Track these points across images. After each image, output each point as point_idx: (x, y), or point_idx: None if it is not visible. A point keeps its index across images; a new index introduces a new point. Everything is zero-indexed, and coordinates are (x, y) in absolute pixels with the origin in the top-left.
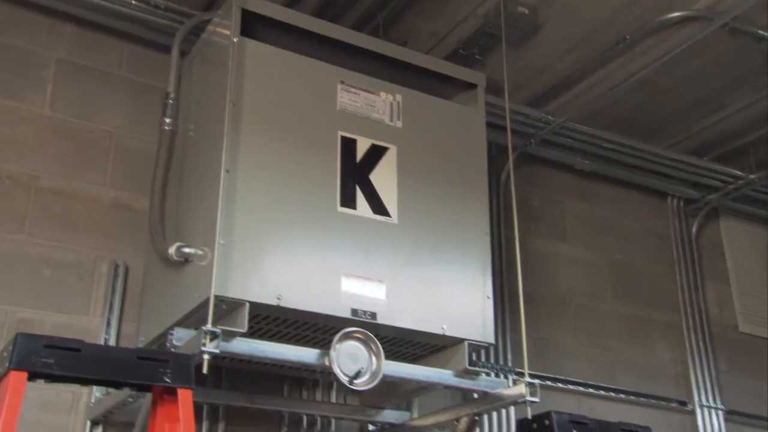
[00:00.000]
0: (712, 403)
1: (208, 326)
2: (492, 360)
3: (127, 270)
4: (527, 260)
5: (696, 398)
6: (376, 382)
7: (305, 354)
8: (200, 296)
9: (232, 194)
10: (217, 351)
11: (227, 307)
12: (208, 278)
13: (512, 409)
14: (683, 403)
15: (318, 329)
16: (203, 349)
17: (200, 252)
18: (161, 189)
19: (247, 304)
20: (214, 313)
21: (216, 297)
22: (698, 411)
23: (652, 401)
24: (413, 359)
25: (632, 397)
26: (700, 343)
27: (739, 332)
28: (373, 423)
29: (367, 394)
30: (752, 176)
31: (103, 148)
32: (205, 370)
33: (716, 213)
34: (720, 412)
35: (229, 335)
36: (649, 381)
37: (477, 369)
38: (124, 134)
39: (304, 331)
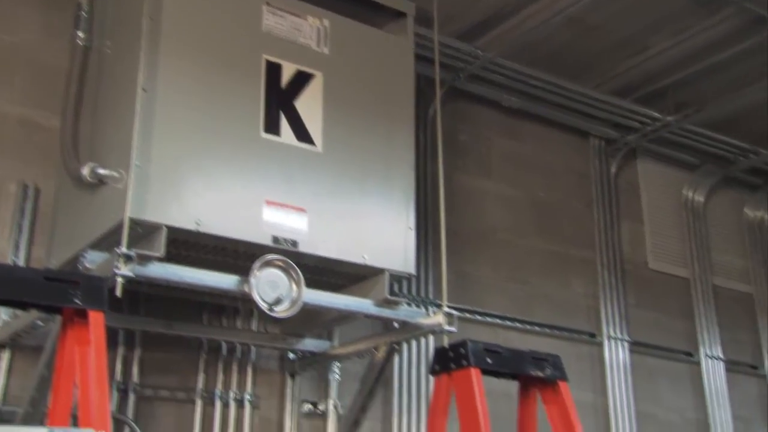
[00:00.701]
0: (618, 335)
1: (122, 249)
2: (414, 292)
3: (37, 191)
4: (452, 196)
5: (605, 330)
6: (295, 309)
7: (224, 280)
8: (114, 219)
9: (150, 115)
10: (131, 274)
11: (143, 231)
12: (123, 201)
13: (431, 339)
14: (592, 335)
15: (239, 257)
16: (116, 272)
17: (115, 174)
18: (74, 107)
19: (164, 228)
20: (130, 236)
21: (131, 220)
22: (606, 342)
23: (565, 333)
24: (335, 289)
25: (546, 329)
26: (612, 279)
27: (648, 269)
28: (293, 351)
29: (287, 322)
30: (669, 118)
31: (9, 61)
32: (118, 293)
33: (634, 154)
34: (625, 344)
35: (144, 259)
36: (563, 314)
37: (397, 299)
38: (33, 48)
39: (225, 258)
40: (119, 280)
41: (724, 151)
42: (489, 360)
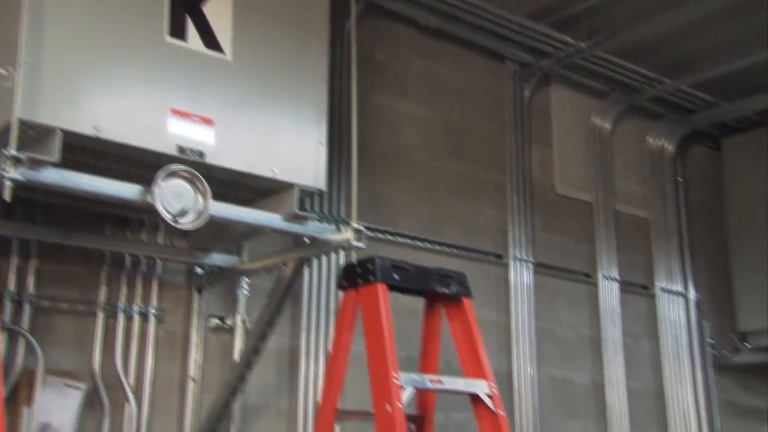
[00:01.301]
0: (524, 257)
1: (11, 150)
2: (326, 211)
3: None
4: (367, 115)
5: (511, 252)
6: (201, 221)
7: (126, 189)
8: (2, 119)
9: (40, 8)
10: (21, 178)
11: (36, 134)
12: (11, 100)
13: (342, 256)
14: (499, 256)
15: (143, 167)
16: (5, 174)
17: (2, 71)
18: None
19: (59, 131)
20: (23, 140)
21: (21, 121)
22: (511, 263)
23: (473, 254)
24: (243, 203)
25: (455, 250)
26: (520, 203)
27: (555, 193)
28: (200, 266)
29: (194, 236)
30: (582, 44)
31: None
32: (6, 197)
33: (547, 80)
34: (530, 265)
35: (37, 163)
36: (472, 236)
37: (306, 214)
38: None
39: (128, 168)
40: (7, 183)
41: (631, 79)
42: (396, 276)
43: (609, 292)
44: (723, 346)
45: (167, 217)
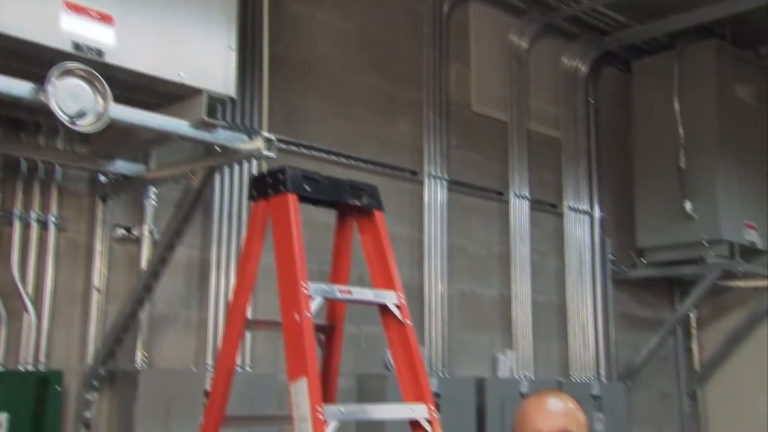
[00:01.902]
0: (438, 174)
1: None
2: (238, 122)
3: None
4: (282, 23)
5: (426, 169)
6: (101, 124)
7: (16, 86)
8: None
9: None
10: None
11: None
12: None
13: (254, 167)
14: (414, 173)
15: (37, 64)
16: None
17: None
18: None
19: None
20: None
21: None
22: (426, 180)
23: (388, 170)
24: (149, 108)
25: (370, 166)
26: (437, 120)
27: (471, 111)
28: (104, 173)
29: (97, 142)
30: None
31: None
32: None
33: None
34: (444, 182)
35: None
36: (387, 152)
37: (214, 122)
38: None
39: (18, 64)
40: None
41: None
42: (307, 187)
43: (519, 210)
44: (622, 262)
45: (63, 118)
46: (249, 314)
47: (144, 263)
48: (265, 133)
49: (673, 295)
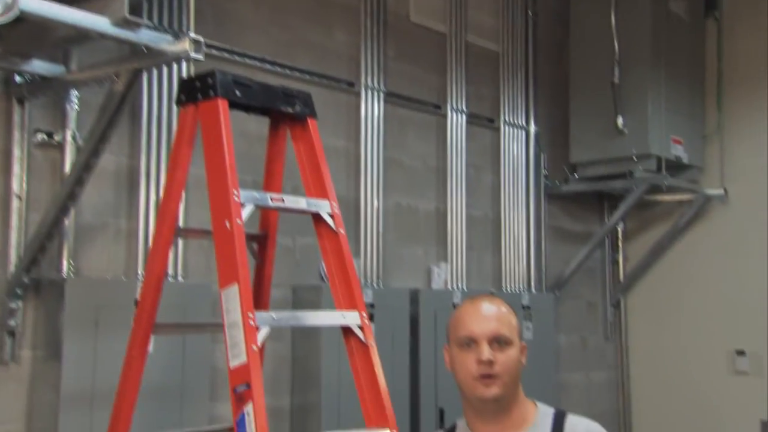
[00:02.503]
0: (376, 86)
1: None
2: (165, 24)
3: None
4: None
5: (363, 80)
6: (10, 16)
7: None
8: None
9: None
10: None
11: None
12: None
13: (184, 69)
14: (351, 84)
15: None
16: None
17: None
18: None
19: None
20: None
21: None
22: (363, 92)
23: (324, 81)
24: (67, 2)
25: (306, 76)
26: (375, 30)
27: (410, 22)
28: (19, 73)
29: (10, 39)
30: None
31: None
32: None
33: None
34: (381, 94)
35: None
36: (323, 62)
37: (138, 20)
38: None
39: None
40: None
41: None
42: (238, 92)
43: (457, 124)
44: (555, 177)
45: None
46: (180, 224)
47: (67, 169)
48: (193, 34)
49: (602, 209)
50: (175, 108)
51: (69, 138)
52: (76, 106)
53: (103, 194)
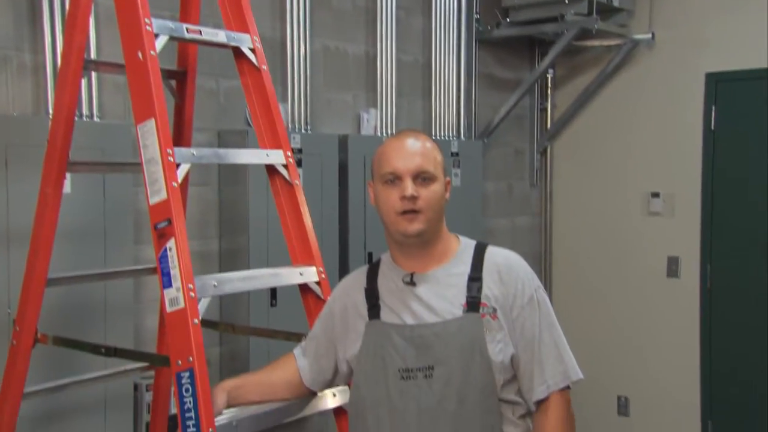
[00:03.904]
0: None
1: None
2: None
3: None
4: None
5: None
6: None
7: None
8: None
9: None
10: None
11: None
12: None
13: None
14: None
15: None
16: None
17: None
18: None
19: None
20: None
21: None
22: None
23: None
24: None
25: None
26: None
27: None
28: None
29: None
30: None
31: None
32: None
33: None
34: None
35: None
36: None
37: None
38: None
39: None
40: None
41: None
42: None
43: None
44: (487, 22)
45: None
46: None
47: None
48: None
49: (533, 56)
50: None
51: None
52: None
53: (2, 26)
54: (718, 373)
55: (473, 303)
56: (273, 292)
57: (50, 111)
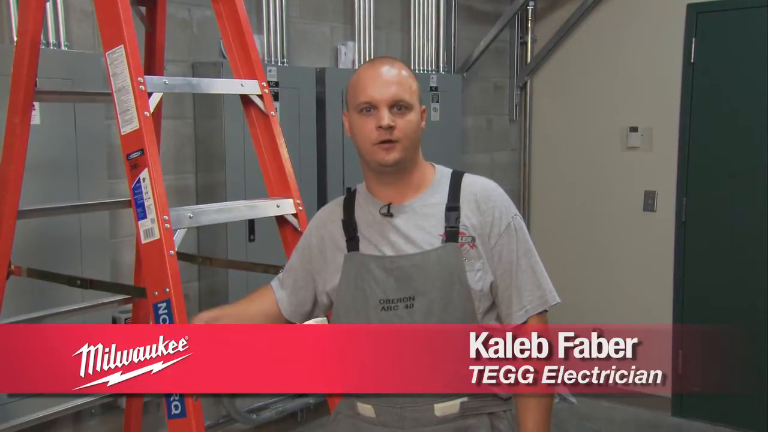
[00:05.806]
0: None
1: None
2: None
3: None
4: None
5: None
6: None
7: None
8: None
9: None
10: None
11: None
12: None
13: None
14: None
15: None
16: None
17: None
18: None
19: None
20: None
21: None
22: None
23: None
24: None
25: None
26: None
27: None
28: None
29: None
30: None
31: None
32: None
33: None
34: None
35: None
36: None
37: None
38: None
39: None
40: None
41: None
42: None
43: None
44: None
45: None
46: None
47: None
48: None
49: None
50: None
51: None
52: None
53: None
54: (691, 302)
55: (452, 233)
56: (251, 227)
57: (14, 38)
